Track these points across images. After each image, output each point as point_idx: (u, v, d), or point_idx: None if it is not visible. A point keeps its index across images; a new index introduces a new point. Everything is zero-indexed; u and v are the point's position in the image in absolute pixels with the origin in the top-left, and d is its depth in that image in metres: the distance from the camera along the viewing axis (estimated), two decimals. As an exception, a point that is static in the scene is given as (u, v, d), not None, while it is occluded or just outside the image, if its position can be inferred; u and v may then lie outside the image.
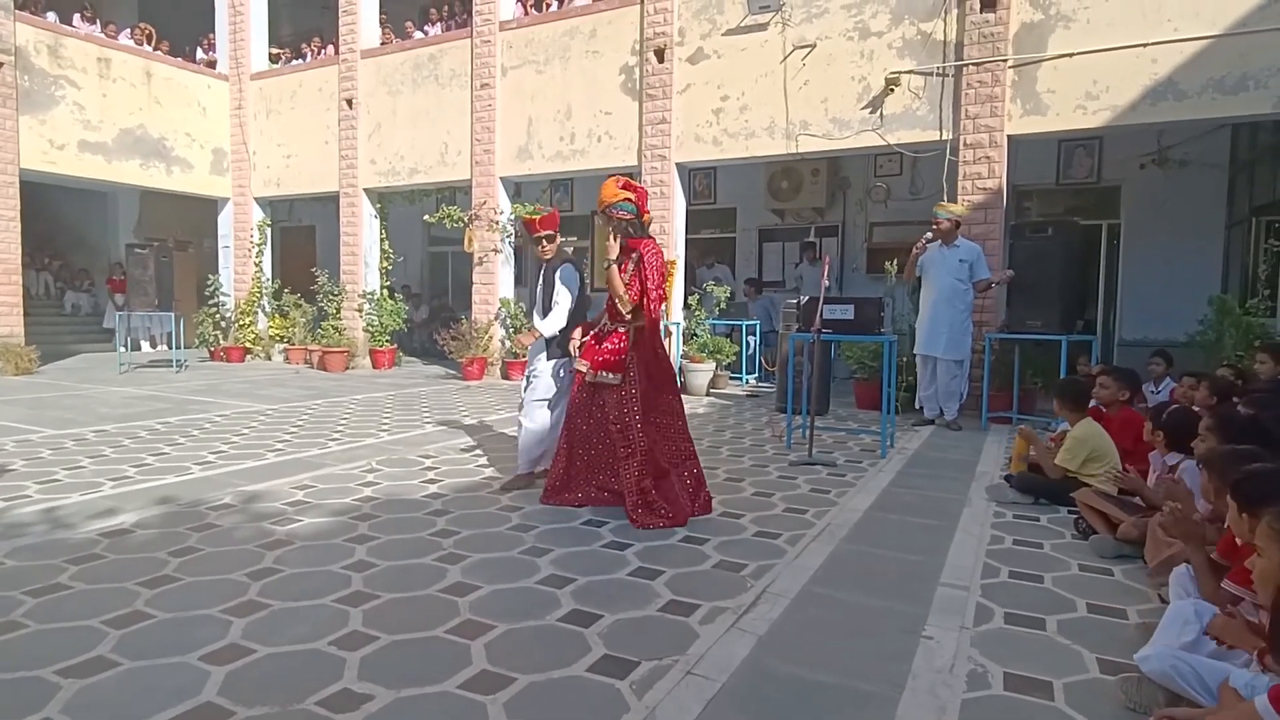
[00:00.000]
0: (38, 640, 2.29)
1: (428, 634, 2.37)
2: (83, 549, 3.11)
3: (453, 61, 10.44)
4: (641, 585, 2.82)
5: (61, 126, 10.54)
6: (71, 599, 2.60)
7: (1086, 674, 2.19)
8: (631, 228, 3.73)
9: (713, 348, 8.78)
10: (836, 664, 2.23)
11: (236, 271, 12.82)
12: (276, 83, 12.31)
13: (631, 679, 2.10)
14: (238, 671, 2.11)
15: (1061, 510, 3.85)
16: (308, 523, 3.53)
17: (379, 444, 5.47)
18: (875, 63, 7.68)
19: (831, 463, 4.97)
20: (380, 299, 11.51)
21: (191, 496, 3.95)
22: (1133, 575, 3.00)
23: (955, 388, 6.45)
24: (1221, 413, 3.10)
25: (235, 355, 12.33)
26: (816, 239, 11.22)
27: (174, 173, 11.94)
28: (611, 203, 3.67)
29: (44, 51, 10.34)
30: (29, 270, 12.62)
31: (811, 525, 3.61)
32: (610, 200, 3.67)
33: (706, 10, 8.57)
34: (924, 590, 2.80)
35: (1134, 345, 9.01)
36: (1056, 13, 6.92)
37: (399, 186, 11.24)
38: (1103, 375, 4.53)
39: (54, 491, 4.02)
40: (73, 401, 7.52)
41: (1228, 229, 9.10)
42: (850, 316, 5.47)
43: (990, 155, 7.19)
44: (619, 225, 3.69)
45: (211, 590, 2.69)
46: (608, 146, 9.28)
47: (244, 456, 4.98)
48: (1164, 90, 6.54)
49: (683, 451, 3.83)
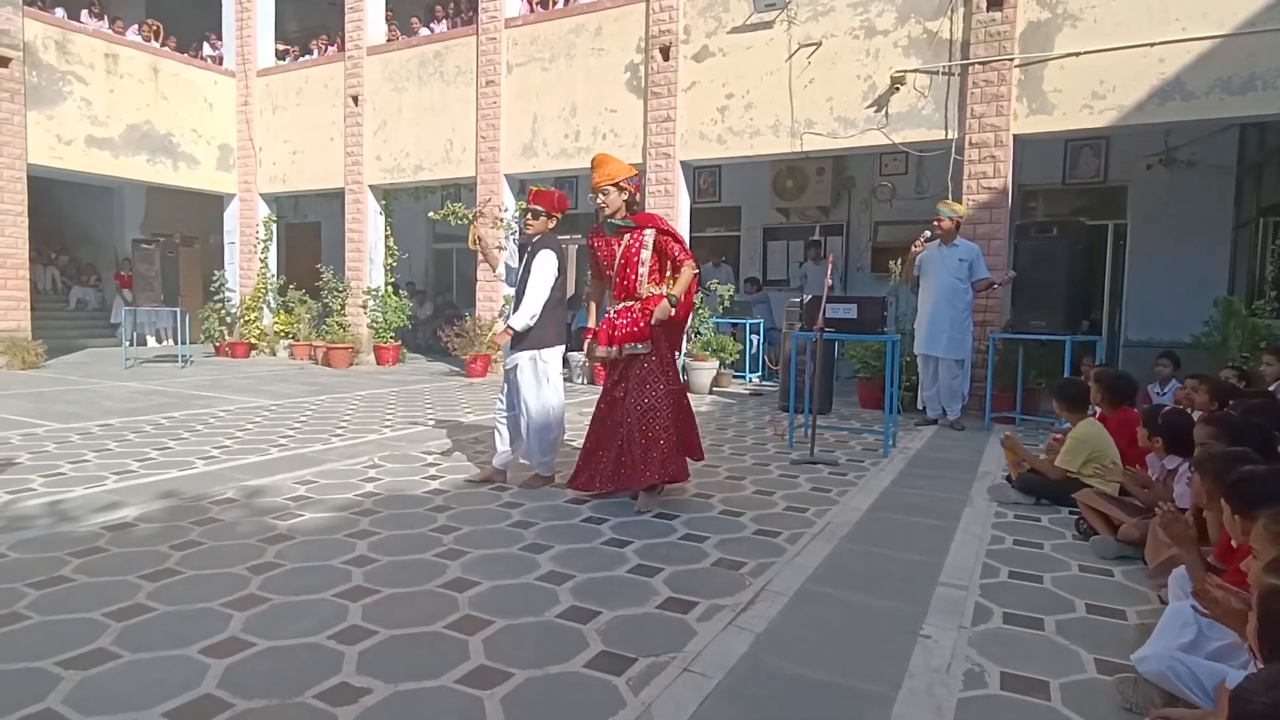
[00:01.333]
0: (40, 632, 2.31)
1: (427, 629, 2.38)
2: (86, 542, 3.13)
3: (458, 59, 10.45)
4: (640, 582, 2.82)
5: (69, 122, 10.58)
6: (74, 591, 2.62)
7: (1084, 674, 2.19)
8: (634, 205, 3.91)
9: (716, 346, 8.77)
10: (834, 662, 2.23)
11: (242, 267, 12.86)
12: (283, 79, 12.34)
13: (628, 675, 2.11)
14: (237, 664, 2.12)
15: (1063, 511, 3.84)
16: (309, 518, 3.55)
17: (381, 440, 5.49)
18: (881, 61, 7.66)
19: (833, 462, 4.97)
20: (385, 295, 11.54)
21: (194, 491, 3.97)
22: (1133, 576, 2.99)
23: (957, 387, 6.44)
24: (1223, 418, 3.08)
25: (240, 351, 12.38)
26: (821, 238, 11.20)
27: (180, 168, 11.99)
28: (626, 176, 3.83)
29: (52, 47, 10.39)
30: (35, 265, 12.68)
31: (812, 524, 3.61)
32: (624, 174, 3.83)
33: (712, 8, 8.56)
34: (923, 590, 2.80)
35: (1139, 346, 8.98)
36: (1063, 12, 6.89)
37: (404, 183, 11.26)
38: (1094, 379, 4.46)
39: (58, 485, 4.05)
40: (78, 396, 7.56)
41: (1235, 230, 9.05)
42: (853, 315, 5.47)
43: (996, 155, 7.16)
44: (631, 197, 3.86)
45: (213, 584, 2.70)
46: (612, 144, 9.27)
47: (247, 451, 5.01)
48: (1171, 90, 6.51)
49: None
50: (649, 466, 3.71)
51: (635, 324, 3.79)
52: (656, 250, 3.83)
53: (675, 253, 3.82)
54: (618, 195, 3.82)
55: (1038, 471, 4.05)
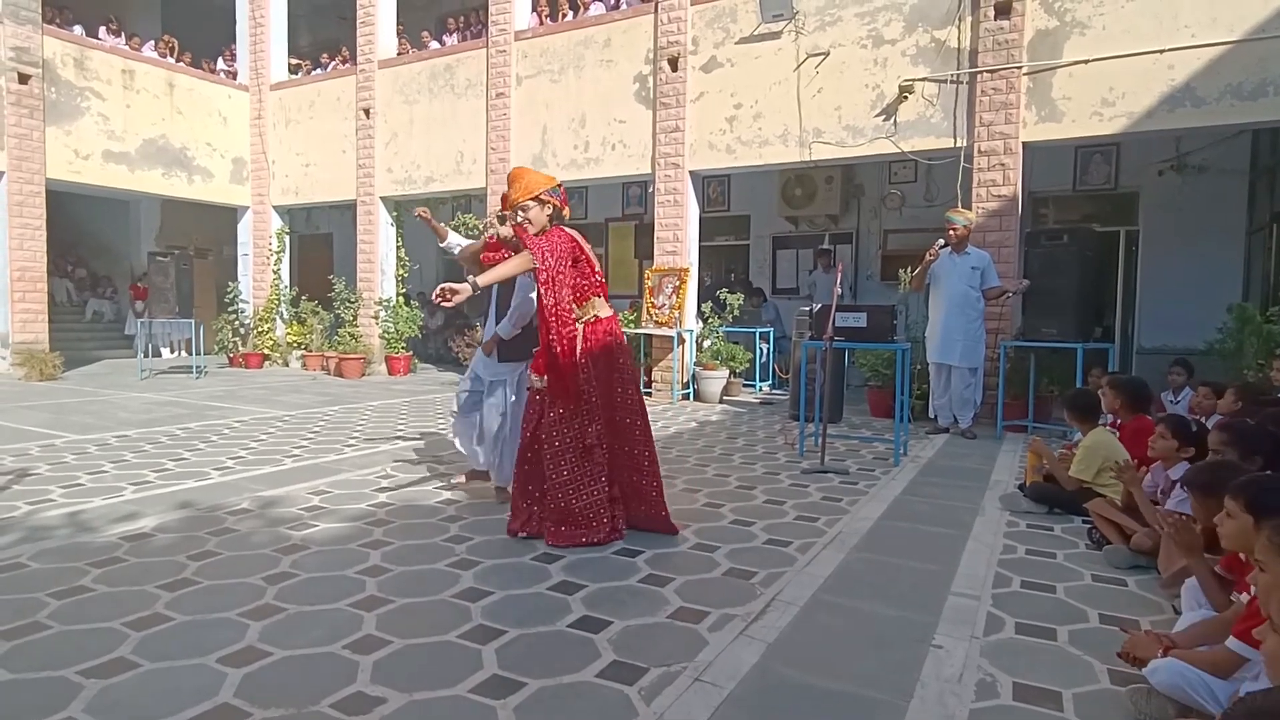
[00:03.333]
0: (61, 641, 2.35)
1: (440, 638, 2.40)
2: (105, 552, 3.17)
3: (468, 71, 10.55)
4: (651, 592, 2.83)
5: (87, 137, 10.75)
6: (94, 601, 2.66)
7: (1096, 685, 2.18)
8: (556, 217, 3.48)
9: (726, 355, 8.78)
10: (845, 672, 2.23)
11: (255, 279, 12.99)
12: (295, 93, 12.49)
13: (640, 685, 2.12)
14: (254, 673, 2.15)
15: (1076, 520, 3.82)
16: (323, 528, 3.58)
17: (394, 450, 5.53)
18: (889, 70, 7.68)
19: (844, 470, 4.97)
20: (396, 306, 11.63)
21: (210, 501, 4.01)
22: (1146, 586, 2.97)
23: (969, 395, 6.42)
24: (1237, 425, 3.05)
25: (253, 361, 12.49)
26: (830, 246, 11.20)
27: (195, 182, 12.14)
28: (546, 187, 3.41)
29: (70, 64, 10.57)
30: (53, 277, 12.86)
31: (823, 533, 3.61)
32: (543, 185, 3.41)
33: (720, 19, 8.61)
34: (935, 599, 2.80)
35: (1152, 353, 8.91)
36: (1072, 19, 6.89)
37: (415, 195, 11.35)
38: (1107, 385, 4.46)
39: (77, 495, 4.10)
40: (95, 407, 7.65)
41: (1248, 235, 8.99)
42: (863, 324, 5.47)
43: (1005, 162, 7.16)
44: (556, 211, 3.45)
45: (229, 594, 2.73)
46: (621, 155, 9.34)
47: (261, 462, 5.05)
48: (1181, 97, 6.49)
49: (638, 459, 3.46)
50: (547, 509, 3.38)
51: (539, 354, 3.40)
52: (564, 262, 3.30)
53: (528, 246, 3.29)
54: (540, 210, 3.40)
55: (1054, 479, 4.04)
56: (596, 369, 3.38)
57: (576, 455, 3.34)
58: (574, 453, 3.34)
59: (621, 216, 13.07)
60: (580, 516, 3.33)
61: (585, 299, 3.42)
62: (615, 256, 13.36)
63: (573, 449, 3.34)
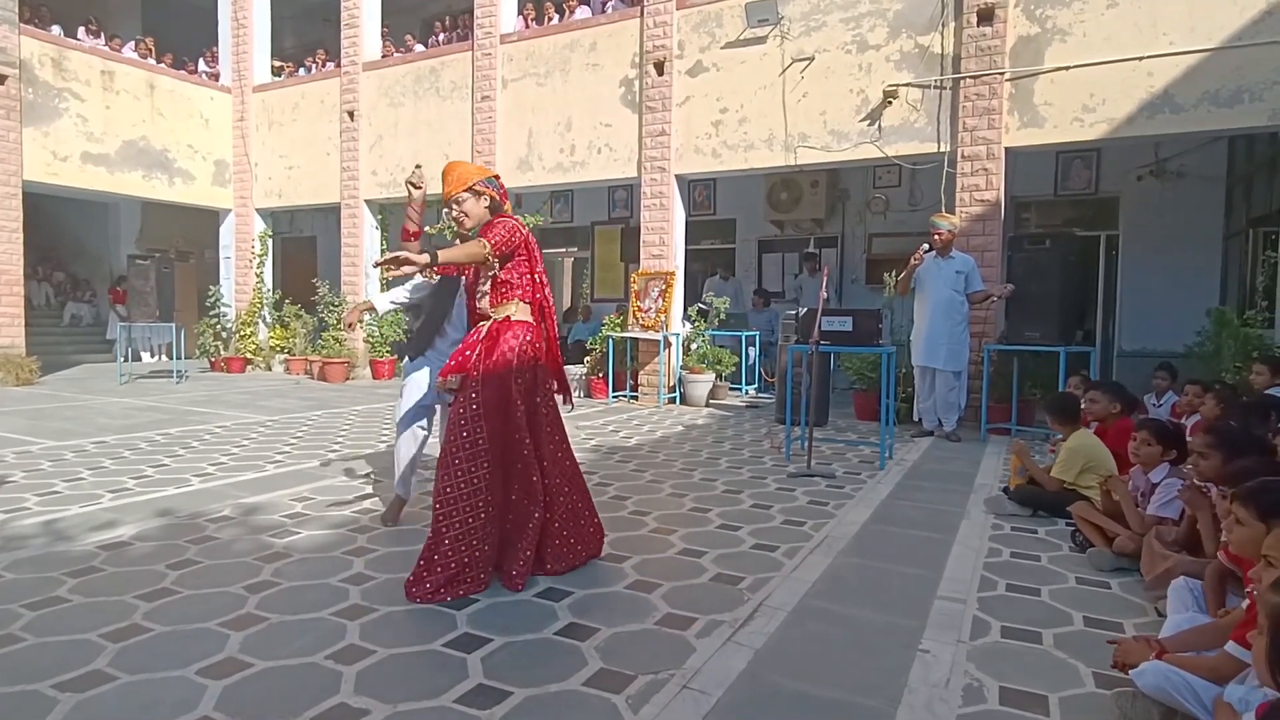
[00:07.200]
0: (36, 653, 2.30)
1: (425, 648, 2.38)
2: (81, 562, 3.11)
3: (454, 74, 10.51)
4: (639, 599, 2.82)
5: (65, 138, 10.60)
6: (70, 612, 2.60)
7: (1082, 688, 2.19)
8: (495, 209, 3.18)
9: (712, 359, 8.79)
10: (833, 678, 2.23)
11: (237, 282, 12.86)
12: (279, 95, 12.39)
13: (628, 693, 2.11)
14: (235, 685, 2.12)
15: (1059, 522, 3.84)
16: (306, 535, 3.54)
17: (378, 455, 5.48)
18: (873, 75, 7.73)
19: (830, 474, 4.98)
20: (381, 310, 11.52)
21: (191, 509, 3.96)
22: (1130, 589, 3.00)
23: (954, 399, 6.46)
24: (1221, 428, 3.08)
25: (236, 366, 12.35)
26: (816, 250, 11.26)
27: (176, 184, 12.00)
28: (480, 178, 3.15)
29: (48, 64, 10.42)
30: (30, 281, 12.67)
31: (809, 538, 3.61)
32: (477, 177, 3.15)
33: (706, 24, 8.64)
34: (921, 603, 2.80)
35: (1133, 356, 9.03)
36: (1053, 26, 6.97)
37: (400, 198, 11.26)
38: (1091, 391, 4.52)
39: (53, 503, 4.03)
40: (73, 413, 7.53)
41: (1225, 240, 9.13)
42: (849, 328, 5.48)
43: (988, 167, 7.22)
44: (495, 204, 3.15)
45: (210, 603, 2.69)
46: (607, 158, 9.33)
47: (243, 468, 4.99)
48: (1160, 103, 6.58)
49: (560, 476, 3.08)
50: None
51: (460, 352, 3.02)
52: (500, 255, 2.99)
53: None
54: (475, 202, 3.11)
55: (1037, 483, 4.06)
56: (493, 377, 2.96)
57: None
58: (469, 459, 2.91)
59: (607, 220, 13.06)
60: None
61: (508, 298, 3.07)
62: (601, 260, 13.36)
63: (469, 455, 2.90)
